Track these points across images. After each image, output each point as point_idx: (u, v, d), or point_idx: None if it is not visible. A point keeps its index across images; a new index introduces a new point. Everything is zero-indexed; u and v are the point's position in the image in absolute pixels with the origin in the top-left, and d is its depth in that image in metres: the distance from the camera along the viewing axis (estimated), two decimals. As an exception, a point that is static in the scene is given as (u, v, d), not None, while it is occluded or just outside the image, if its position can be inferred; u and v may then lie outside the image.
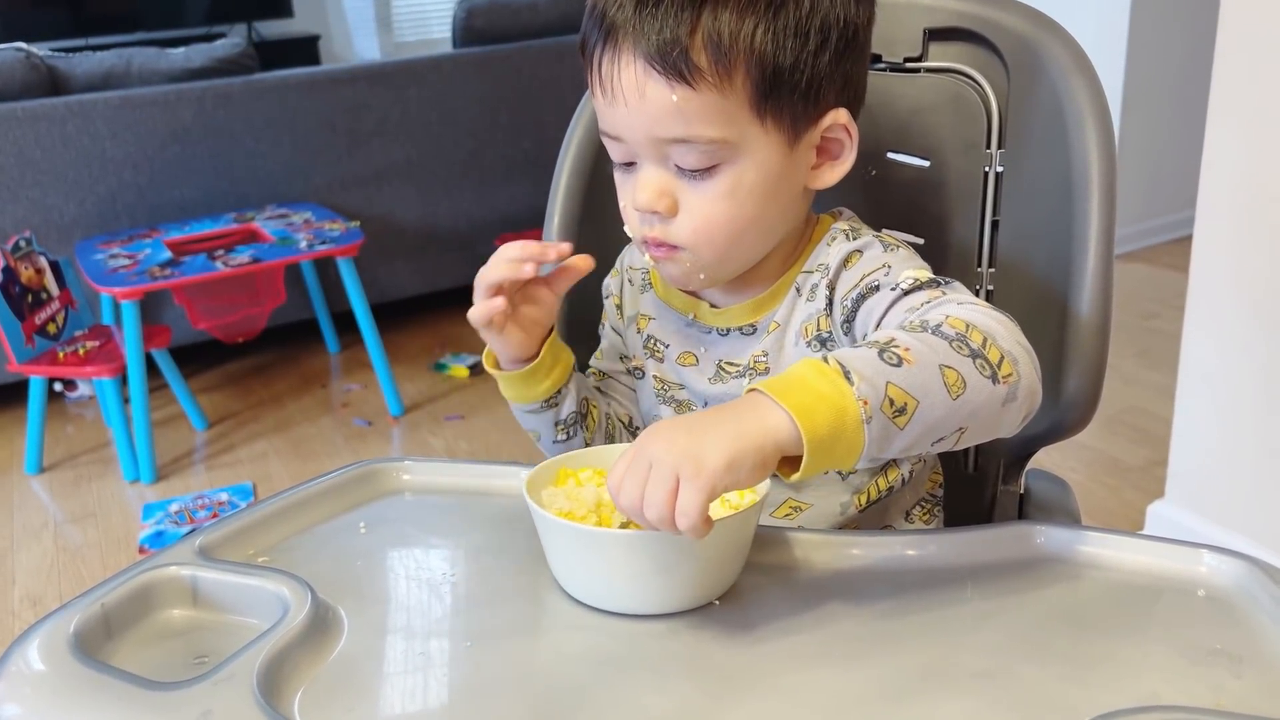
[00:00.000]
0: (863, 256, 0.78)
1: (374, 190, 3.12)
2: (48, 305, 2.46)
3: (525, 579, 0.70)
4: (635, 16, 0.71)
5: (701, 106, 0.71)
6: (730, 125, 0.72)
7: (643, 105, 0.72)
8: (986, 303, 0.70)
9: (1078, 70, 0.83)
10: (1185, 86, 3.36)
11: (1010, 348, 0.65)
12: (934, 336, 0.64)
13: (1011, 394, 0.64)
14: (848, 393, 0.59)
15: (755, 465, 0.59)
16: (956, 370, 0.62)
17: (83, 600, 0.63)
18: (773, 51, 0.71)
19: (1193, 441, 1.84)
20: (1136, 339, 2.84)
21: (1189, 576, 0.68)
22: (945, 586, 0.69)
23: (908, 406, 0.60)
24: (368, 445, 2.60)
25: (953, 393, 0.62)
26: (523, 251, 0.77)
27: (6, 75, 2.68)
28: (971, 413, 0.63)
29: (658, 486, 0.59)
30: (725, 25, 0.70)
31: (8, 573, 2.15)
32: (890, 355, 0.61)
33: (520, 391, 0.85)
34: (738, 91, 0.71)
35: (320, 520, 0.77)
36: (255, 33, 5.10)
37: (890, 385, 0.60)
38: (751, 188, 0.74)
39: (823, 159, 0.78)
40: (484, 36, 3.20)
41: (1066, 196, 0.83)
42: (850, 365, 0.60)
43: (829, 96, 0.75)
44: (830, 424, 0.59)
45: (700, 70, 0.70)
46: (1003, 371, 0.64)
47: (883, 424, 0.60)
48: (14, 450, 2.64)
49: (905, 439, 0.61)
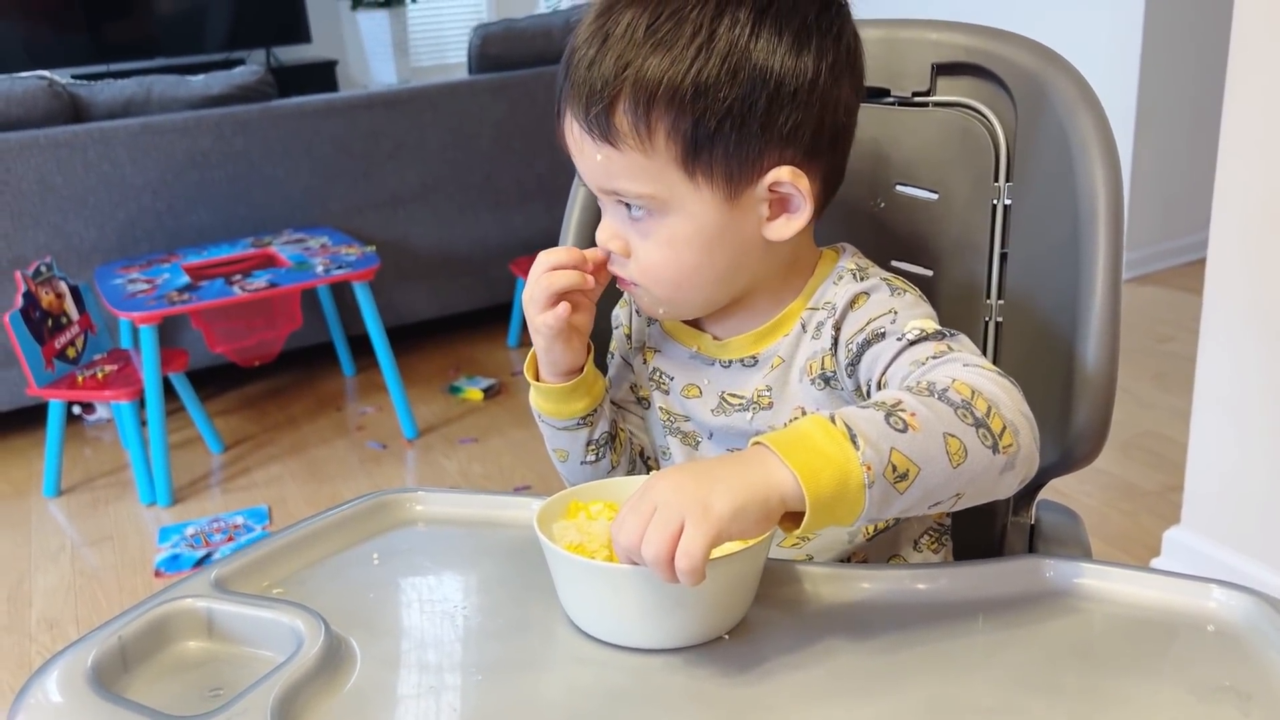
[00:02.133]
0: (869, 299, 0.78)
1: (389, 214, 3.14)
2: (67, 330, 2.48)
3: (536, 611, 0.70)
4: (574, 76, 0.74)
5: (626, 165, 0.74)
6: (657, 183, 0.74)
7: (582, 159, 0.77)
8: (992, 365, 0.70)
9: (1084, 105, 0.84)
10: (1198, 108, 3.36)
11: (1012, 417, 0.66)
12: (940, 402, 0.65)
13: (1010, 463, 0.66)
14: (853, 457, 0.61)
15: (760, 517, 0.60)
16: (959, 439, 0.63)
17: (100, 633, 0.64)
18: (696, 111, 0.71)
19: (1209, 466, 1.83)
20: (1151, 362, 2.83)
21: (1198, 611, 0.68)
22: (954, 620, 0.69)
23: (909, 473, 0.62)
24: (382, 468, 2.61)
25: (954, 461, 0.63)
26: (568, 257, 0.80)
27: (30, 103, 2.72)
28: (970, 480, 0.64)
29: (660, 528, 0.59)
30: (644, 91, 0.71)
31: (25, 595, 2.16)
32: (896, 420, 0.63)
33: (559, 407, 0.86)
34: (661, 153, 0.73)
35: (334, 551, 0.78)
36: (273, 58, 5.16)
37: (894, 451, 0.61)
38: (688, 239, 0.76)
39: (778, 211, 0.77)
40: (499, 63, 3.23)
41: (1074, 230, 0.83)
42: (857, 428, 0.62)
43: (767, 152, 0.74)
44: (834, 486, 0.60)
45: (621, 133, 0.73)
46: (1003, 441, 0.65)
47: (884, 489, 0.61)
48: (32, 473, 2.66)
49: (904, 502, 0.63)
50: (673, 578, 0.60)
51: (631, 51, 0.71)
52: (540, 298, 0.80)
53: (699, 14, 0.71)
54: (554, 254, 0.80)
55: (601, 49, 0.72)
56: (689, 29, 0.71)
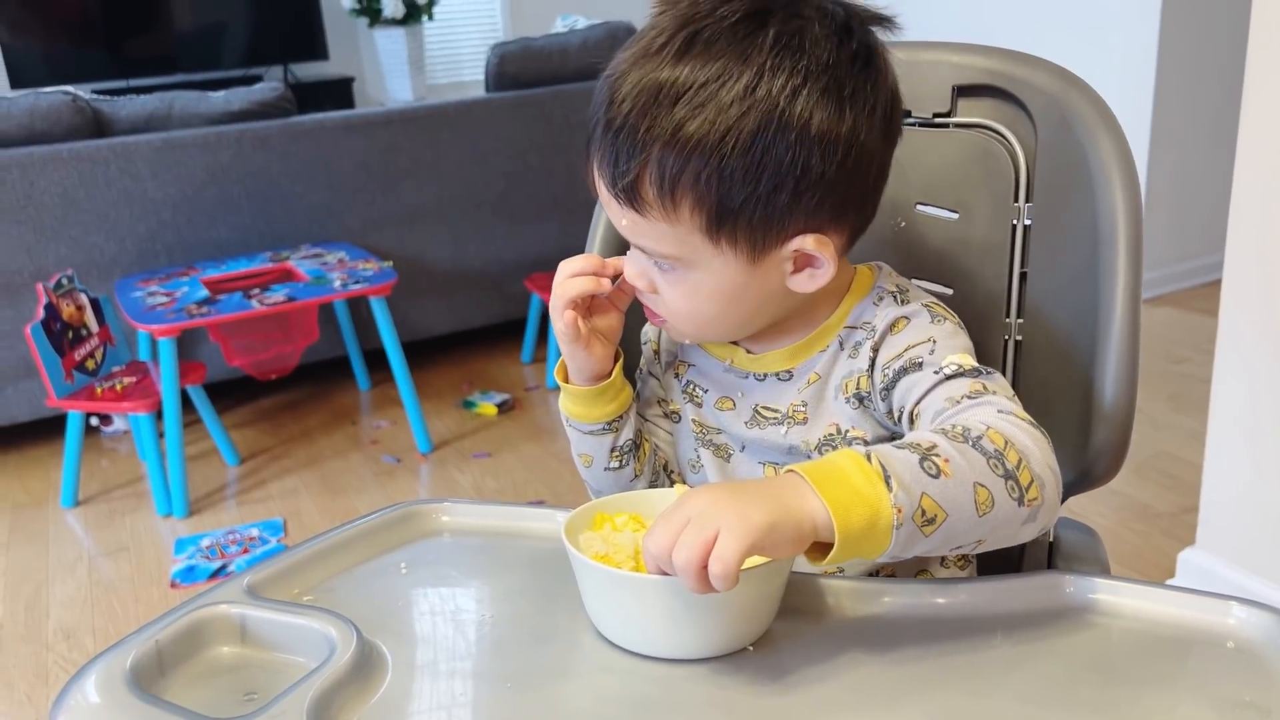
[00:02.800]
0: (909, 324, 0.79)
1: (406, 230, 3.17)
2: (87, 342, 2.51)
3: (562, 621, 0.71)
4: (601, 139, 0.74)
5: (651, 229, 0.75)
6: (682, 246, 0.75)
7: (611, 211, 0.78)
8: (1024, 412, 0.71)
9: (1104, 127, 0.85)
10: (1212, 130, 3.37)
11: (1040, 471, 0.68)
12: (974, 450, 0.66)
13: (1033, 515, 0.68)
14: (885, 498, 0.62)
15: (792, 539, 0.62)
16: (988, 489, 0.65)
17: (138, 636, 0.65)
18: (718, 194, 0.72)
19: (1224, 487, 1.83)
20: (1166, 383, 2.83)
21: (1218, 628, 0.69)
22: (975, 635, 0.70)
23: (937, 518, 0.64)
24: (396, 482, 2.62)
25: (980, 510, 0.65)
26: (586, 264, 0.82)
27: (53, 118, 2.75)
28: (993, 529, 0.66)
29: (694, 534, 0.61)
30: (670, 166, 0.71)
31: (43, 605, 2.18)
32: (930, 465, 0.64)
33: (587, 410, 0.88)
34: (686, 222, 0.74)
35: (362, 560, 0.79)
36: (291, 74, 5.20)
37: (925, 496, 0.63)
38: (710, 293, 0.78)
39: (802, 266, 0.77)
40: (516, 81, 3.26)
41: (1093, 250, 0.85)
42: (892, 470, 0.63)
43: (789, 228, 0.74)
44: (863, 523, 0.62)
45: (647, 202, 0.74)
46: (1029, 494, 0.67)
47: (911, 531, 0.63)
48: (50, 484, 2.68)
49: (927, 545, 0.65)
50: (700, 586, 0.61)
51: (656, 131, 0.71)
52: (557, 304, 0.83)
53: (725, 100, 0.70)
54: (573, 262, 0.83)
55: (626, 120, 0.72)
56: (713, 114, 0.70)
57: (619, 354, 0.88)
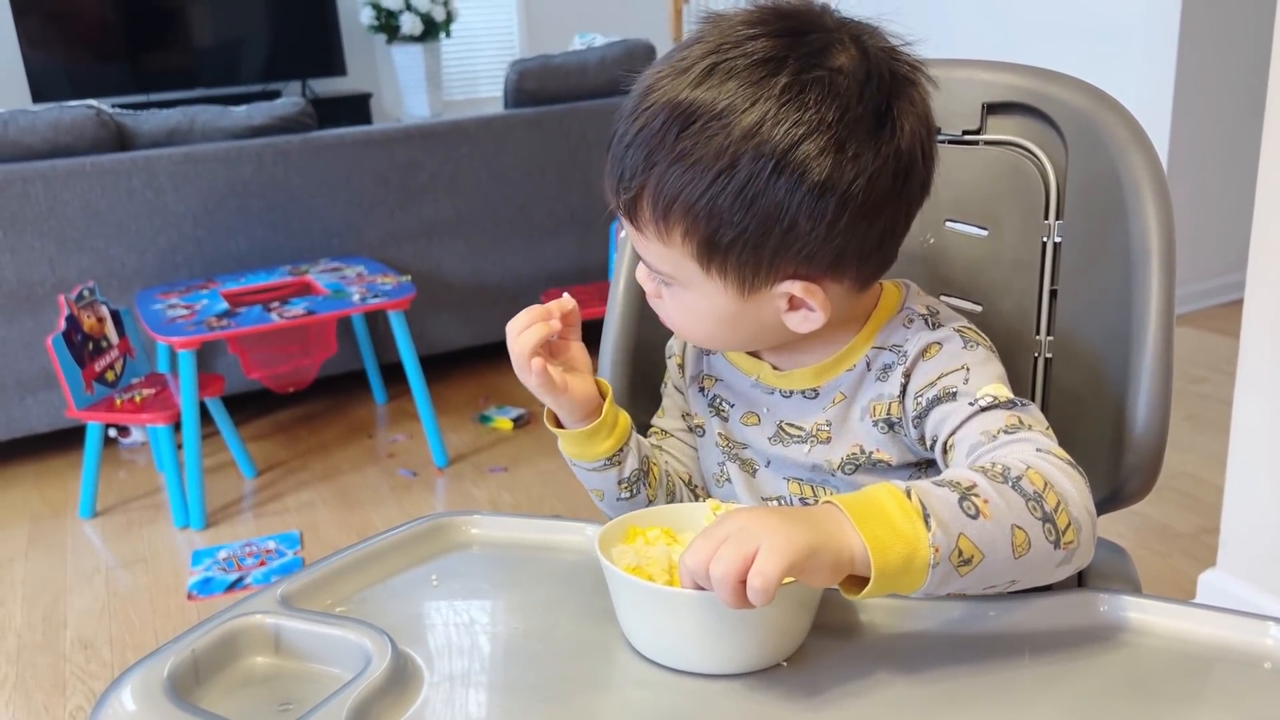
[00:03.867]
0: (942, 350, 0.79)
1: (424, 245, 3.18)
2: (107, 353, 2.52)
3: (594, 634, 0.71)
4: (615, 149, 0.76)
5: (648, 245, 0.77)
6: (676, 267, 0.77)
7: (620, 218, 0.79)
8: (1061, 450, 0.71)
9: (1136, 146, 0.85)
10: (1230, 149, 3.36)
11: (1078, 514, 0.67)
12: (1013, 492, 0.66)
13: (1068, 558, 0.68)
14: (923, 537, 0.63)
15: (830, 566, 0.62)
16: (1026, 532, 0.65)
17: (175, 645, 0.66)
18: (708, 227, 0.73)
19: (1245, 509, 1.82)
20: (1185, 403, 2.82)
21: (1255, 648, 0.68)
22: (1006, 653, 0.69)
23: (974, 559, 0.64)
24: (412, 496, 2.62)
25: (1017, 553, 0.65)
26: (530, 316, 0.82)
27: (77, 131, 2.78)
28: (1028, 570, 0.66)
29: (735, 548, 0.61)
30: (666, 189, 0.72)
31: (60, 616, 2.18)
32: (969, 505, 0.64)
33: (584, 449, 0.87)
34: (678, 246, 0.75)
35: (393, 572, 0.80)
36: (309, 90, 5.24)
37: (963, 537, 0.63)
38: (704, 315, 0.79)
39: (797, 307, 0.77)
40: (535, 98, 3.28)
41: (1125, 269, 0.85)
42: (931, 509, 0.63)
43: (778, 271, 0.75)
44: (900, 561, 0.62)
45: (644, 220, 0.75)
46: (1065, 537, 0.67)
47: (946, 570, 0.63)
48: (68, 494, 2.69)
49: (962, 584, 0.65)
50: (737, 601, 0.61)
51: (659, 154, 0.72)
52: (520, 363, 0.82)
53: (726, 136, 0.70)
54: (516, 321, 0.82)
55: (637, 137, 0.73)
56: (714, 148, 0.70)
57: (605, 389, 0.87)
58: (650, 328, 1.00)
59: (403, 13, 5.11)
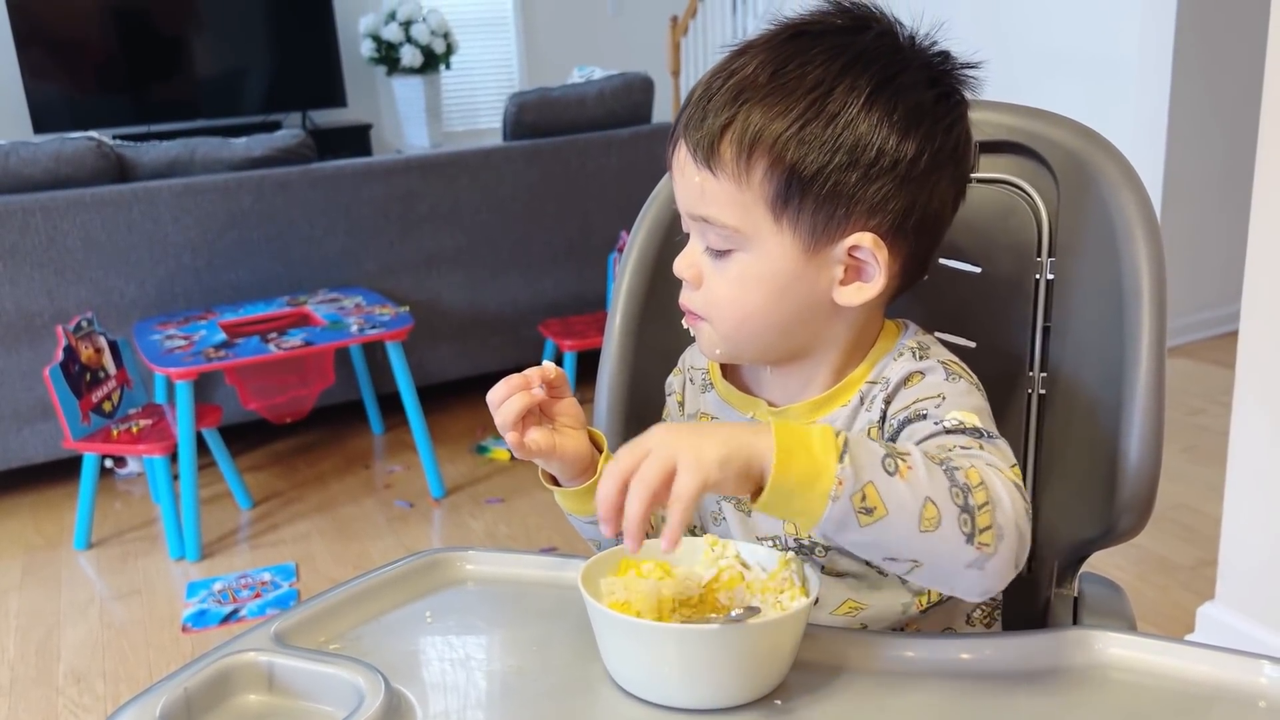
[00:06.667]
0: (923, 380, 0.79)
1: (423, 275, 3.19)
2: (105, 384, 2.52)
3: (585, 672, 0.71)
4: (694, 106, 0.78)
5: (720, 193, 0.77)
6: (744, 216, 0.77)
7: (683, 181, 0.79)
8: (1015, 478, 0.70)
9: (1126, 185, 0.86)
10: (1225, 182, 3.39)
11: (1004, 523, 0.67)
12: (942, 473, 0.66)
13: (979, 563, 0.66)
14: (831, 467, 0.63)
15: (740, 474, 0.64)
16: (938, 510, 0.65)
17: (168, 683, 0.65)
18: (794, 158, 0.74)
19: (1243, 541, 1.82)
20: (1182, 435, 2.82)
21: (1249, 687, 0.68)
22: (999, 691, 0.69)
23: (876, 510, 0.64)
24: (409, 527, 2.62)
25: (923, 525, 0.65)
26: (508, 386, 0.81)
27: (77, 162, 2.79)
28: (931, 552, 0.66)
29: (652, 466, 0.63)
30: (753, 125, 0.75)
31: (54, 649, 2.17)
32: (891, 462, 0.65)
33: (580, 505, 0.87)
34: (755, 188, 0.76)
35: (388, 609, 0.79)
36: (309, 121, 5.28)
37: (871, 485, 0.64)
38: (759, 279, 0.78)
39: (853, 277, 0.79)
40: (534, 130, 3.30)
41: (1117, 306, 0.85)
42: (851, 450, 0.64)
43: (854, 216, 0.76)
44: (800, 480, 0.64)
45: (723, 161, 0.76)
46: (981, 538, 0.66)
47: (845, 510, 0.64)
48: (64, 526, 2.69)
49: (860, 536, 0.65)
50: (638, 522, 0.62)
51: (750, 91, 0.75)
52: (507, 435, 0.81)
53: (822, 71, 0.74)
54: (495, 392, 0.81)
55: (725, 83, 0.76)
56: (808, 83, 0.74)
57: (600, 442, 0.86)
58: (648, 360, 1.00)
59: (403, 45, 5.15)
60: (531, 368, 0.82)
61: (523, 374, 0.81)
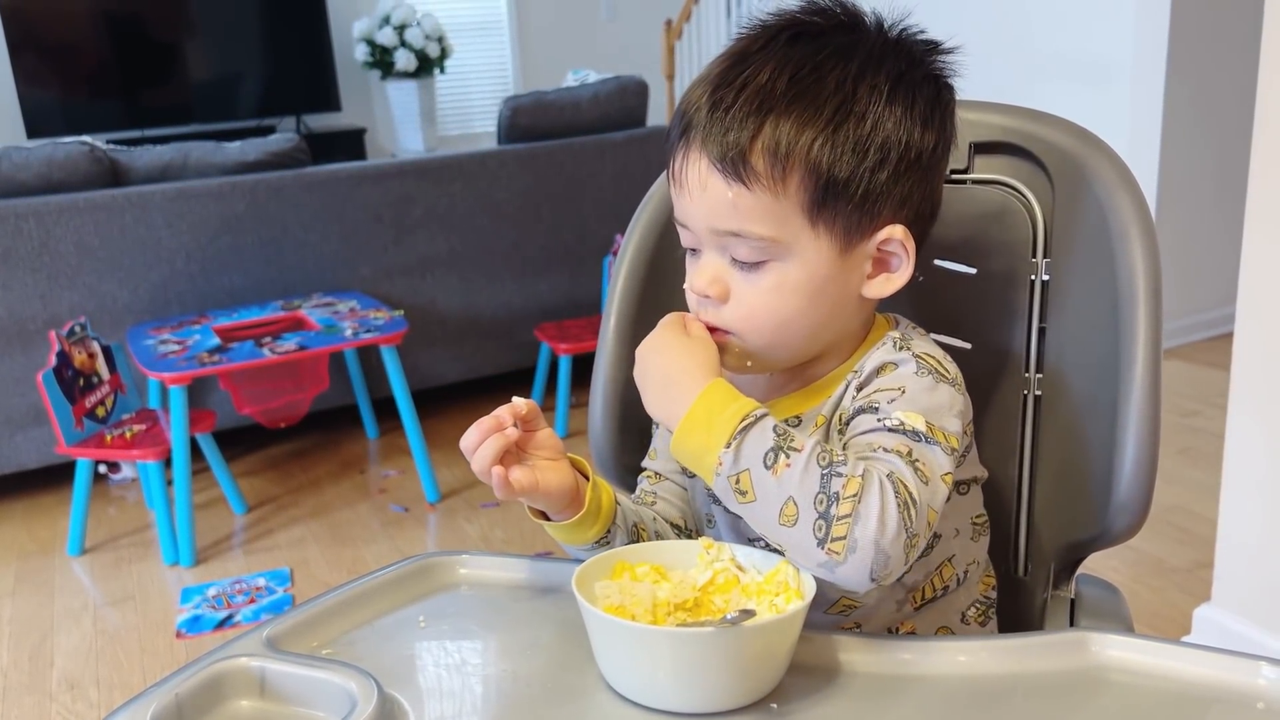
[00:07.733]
0: (894, 371, 0.79)
1: (417, 279, 3.19)
2: (98, 389, 2.51)
3: (579, 676, 0.71)
4: (708, 119, 0.76)
5: (754, 205, 0.76)
6: (781, 226, 0.76)
7: (704, 197, 0.77)
8: (918, 496, 0.70)
9: (1122, 186, 0.86)
10: (1219, 184, 3.39)
11: (863, 540, 0.68)
12: (819, 477, 0.69)
13: (828, 568, 0.69)
14: (716, 449, 0.71)
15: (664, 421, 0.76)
16: (798, 511, 0.69)
17: (159, 688, 0.65)
18: (828, 164, 0.75)
19: (1239, 543, 1.82)
20: (1177, 437, 2.82)
21: (1247, 689, 0.68)
22: (996, 693, 0.69)
23: (747, 495, 0.71)
24: (404, 531, 2.61)
25: (781, 520, 0.70)
26: (480, 431, 0.78)
27: (70, 167, 2.78)
28: (787, 544, 0.71)
29: None
30: (784, 135, 0.75)
31: (47, 655, 2.16)
32: (773, 456, 0.70)
33: (571, 537, 0.84)
34: (791, 196, 0.75)
35: (381, 613, 0.79)
36: (303, 125, 5.27)
37: (747, 473, 0.70)
38: (796, 286, 0.78)
39: (879, 270, 0.80)
40: (528, 133, 3.30)
41: (1113, 307, 0.85)
42: (746, 437, 0.71)
43: (885, 211, 0.78)
44: (694, 451, 0.73)
45: (756, 173, 0.75)
46: (832, 546, 0.68)
47: (726, 487, 0.72)
48: (57, 531, 2.68)
49: (742, 510, 0.72)
50: None
51: (772, 102, 0.75)
52: (487, 479, 0.78)
53: (840, 73, 0.75)
54: (468, 438, 0.78)
55: (742, 94, 0.75)
56: (830, 86, 0.75)
57: (585, 469, 0.84)
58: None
59: (397, 49, 5.15)
60: (501, 406, 0.79)
61: (493, 414, 0.78)
